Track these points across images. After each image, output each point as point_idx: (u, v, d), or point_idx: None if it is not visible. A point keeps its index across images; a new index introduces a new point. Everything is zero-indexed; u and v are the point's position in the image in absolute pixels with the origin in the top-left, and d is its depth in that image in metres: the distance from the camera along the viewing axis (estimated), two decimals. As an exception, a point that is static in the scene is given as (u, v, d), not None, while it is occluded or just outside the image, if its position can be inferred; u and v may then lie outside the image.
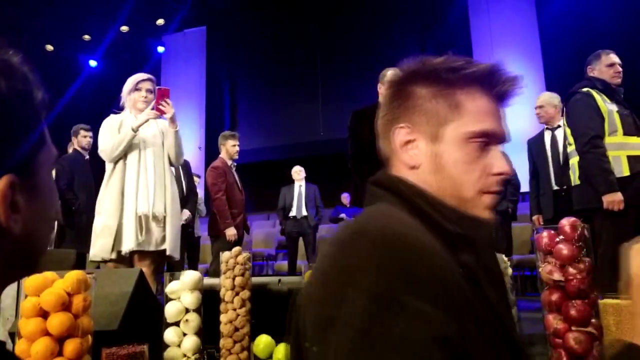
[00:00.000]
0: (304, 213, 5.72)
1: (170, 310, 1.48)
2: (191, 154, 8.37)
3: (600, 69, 2.97)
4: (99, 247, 2.54)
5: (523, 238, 5.14)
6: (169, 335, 1.47)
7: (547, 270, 1.20)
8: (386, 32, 8.56)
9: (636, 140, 2.80)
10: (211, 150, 7.69)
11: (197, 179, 5.59)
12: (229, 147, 4.22)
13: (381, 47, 8.17)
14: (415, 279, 0.54)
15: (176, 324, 1.48)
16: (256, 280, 1.66)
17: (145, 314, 1.58)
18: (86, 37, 9.19)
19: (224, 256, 1.57)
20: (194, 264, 5.05)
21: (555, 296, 1.20)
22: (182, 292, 1.50)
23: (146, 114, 2.67)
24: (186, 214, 4.53)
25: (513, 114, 0.75)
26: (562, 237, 1.21)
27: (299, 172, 5.96)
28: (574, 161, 3.01)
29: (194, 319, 1.48)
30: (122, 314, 1.47)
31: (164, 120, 2.75)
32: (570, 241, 1.19)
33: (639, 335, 0.53)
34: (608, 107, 2.84)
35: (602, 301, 1.25)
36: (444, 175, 0.70)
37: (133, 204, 2.57)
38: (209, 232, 4.25)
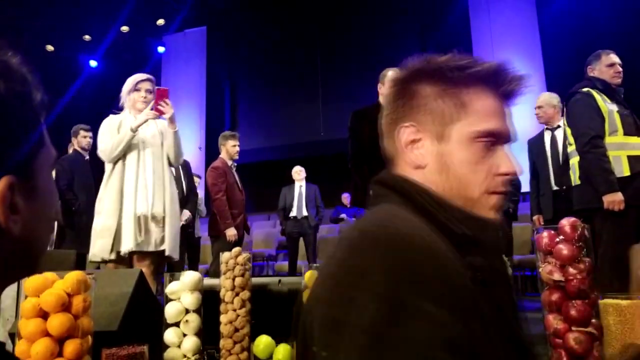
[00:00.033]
0: (305, 213, 5.72)
1: (170, 311, 1.48)
2: (191, 154, 8.37)
3: (600, 69, 2.97)
4: (98, 247, 2.54)
5: (523, 238, 5.13)
6: (169, 335, 1.47)
7: (547, 270, 1.20)
8: (386, 32, 8.56)
9: (636, 140, 2.80)
10: (211, 151, 7.69)
11: (197, 179, 5.58)
12: (229, 147, 4.22)
13: (381, 47, 8.17)
14: (424, 282, 0.54)
15: (176, 324, 1.48)
16: (256, 281, 1.66)
17: (145, 314, 1.58)
18: (86, 37, 9.18)
19: (224, 257, 1.57)
20: (194, 264, 5.05)
21: (555, 296, 1.20)
22: (182, 292, 1.50)
23: (145, 114, 2.67)
24: (186, 214, 4.53)
25: (513, 114, 0.75)
26: (562, 237, 1.20)
27: (299, 172, 5.95)
28: (574, 161, 3.00)
29: (194, 320, 1.48)
30: (122, 314, 1.46)
31: (164, 120, 2.75)
32: (571, 241, 1.19)
33: None
34: (608, 107, 2.84)
35: (602, 301, 1.25)
36: (450, 175, 0.69)
37: (132, 205, 2.57)
38: (209, 233, 4.24)
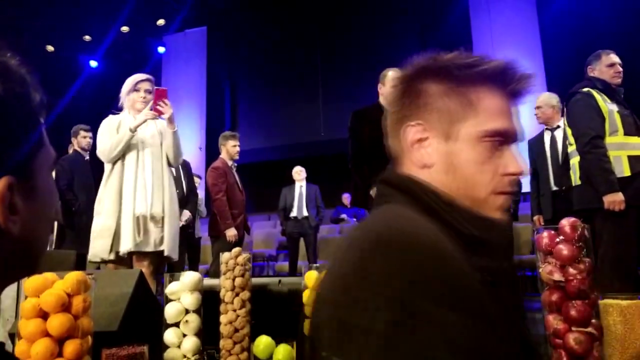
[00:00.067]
0: (305, 213, 5.72)
1: (170, 311, 1.48)
2: (191, 154, 8.37)
3: (600, 69, 2.97)
4: (98, 247, 2.54)
5: (524, 238, 5.13)
6: (169, 336, 1.47)
7: (548, 270, 1.20)
8: (386, 32, 8.55)
9: (637, 140, 2.80)
10: (211, 151, 7.69)
11: (197, 179, 5.57)
12: (230, 148, 4.22)
13: (381, 47, 8.17)
14: (436, 286, 0.53)
15: (176, 324, 1.48)
16: (256, 281, 1.66)
17: (145, 314, 1.58)
18: (86, 38, 9.18)
19: (224, 257, 1.57)
20: (194, 264, 5.05)
21: (555, 296, 1.20)
22: (182, 293, 1.50)
23: (144, 114, 2.66)
24: (186, 214, 4.53)
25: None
26: (562, 237, 1.20)
27: (299, 173, 5.95)
28: (574, 161, 3.00)
29: (193, 320, 1.48)
30: (122, 314, 1.46)
31: (163, 120, 2.75)
32: (571, 241, 1.19)
33: None
34: (608, 107, 2.84)
35: (602, 301, 1.25)
36: (457, 175, 0.68)
37: (131, 205, 2.57)
38: (210, 233, 4.24)
